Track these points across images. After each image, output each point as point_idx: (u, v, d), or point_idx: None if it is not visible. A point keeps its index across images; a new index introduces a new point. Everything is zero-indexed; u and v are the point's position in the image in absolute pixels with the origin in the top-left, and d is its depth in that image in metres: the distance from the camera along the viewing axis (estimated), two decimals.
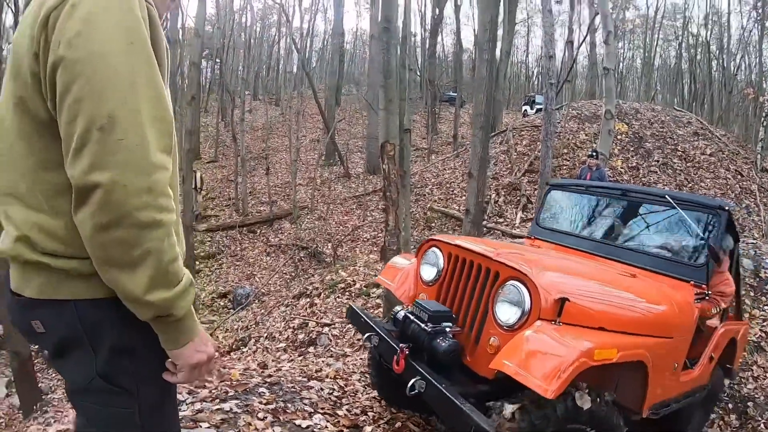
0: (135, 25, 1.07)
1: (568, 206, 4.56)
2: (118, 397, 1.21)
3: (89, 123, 1.01)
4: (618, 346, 2.55)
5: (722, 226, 3.47)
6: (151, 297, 1.09)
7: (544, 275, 2.69)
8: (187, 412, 3.03)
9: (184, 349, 1.21)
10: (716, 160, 16.24)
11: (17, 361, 7.54)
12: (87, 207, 1.04)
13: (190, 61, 13.43)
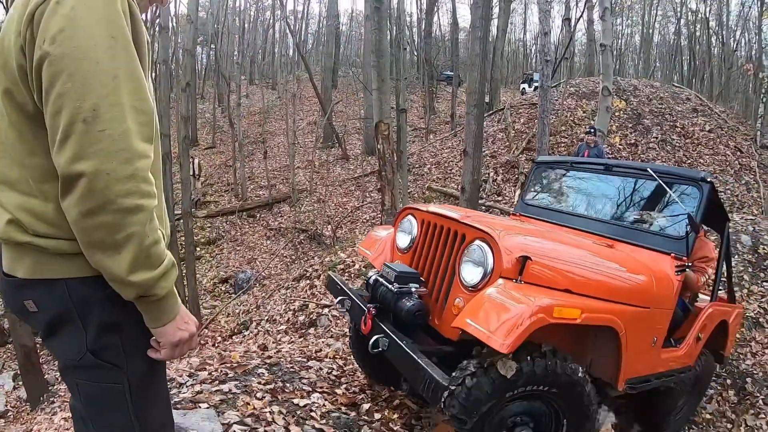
0: (116, 20, 1.11)
1: (554, 183, 4.57)
2: (107, 372, 1.28)
3: (73, 116, 1.06)
4: (583, 308, 2.53)
5: (705, 198, 3.44)
6: (134, 278, 1.15)
7: (509, 236, 2.70)
8: (187, 394, 3.06)
9: (167, 327, 1.27)
10: (715, 137, 16.19)
11: (22, 354, 7.60)
12: (72, 194, 1.09)
13: (184, 48, 13.38)
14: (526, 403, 2.62)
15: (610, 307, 2.76)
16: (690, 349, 3.79)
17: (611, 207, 4.01)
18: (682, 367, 3.74)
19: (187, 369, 3.56)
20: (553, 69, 10.81)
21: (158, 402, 1.41)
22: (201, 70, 35.42)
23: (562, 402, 2.63)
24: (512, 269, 2.55)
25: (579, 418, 2.70)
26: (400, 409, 3.55)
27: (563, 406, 2.65)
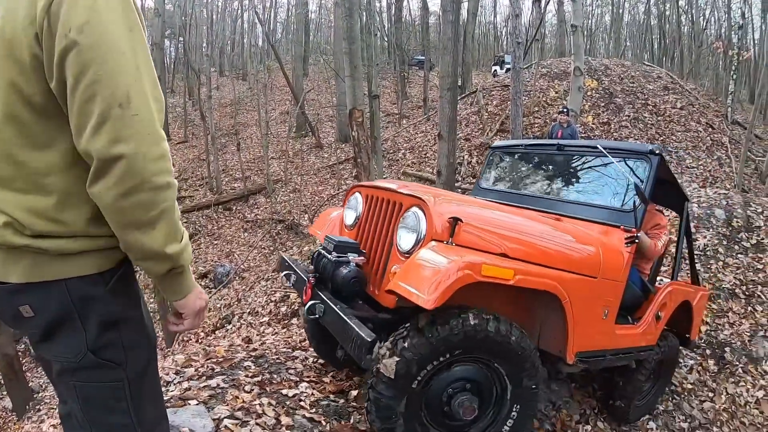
0: (131, 14, 1.18)
1: (510, 167, 4.59)
2: (108, 371, 1.29)
3: (110, 101, 1.10)
4: (517, 270, 2.51)
5: (653, 170, 3.45)
6: (169, 250, 1.23)
7: (443, 202, 2.71)
8: (175, 392, 3.04)
9: (189, 297, 1.35)
10: (687, 114, 16.40)
11: (5, 363, 7.48)
12: (109, 177, 1.13)
13: (152, 41, 13.14)
14: (466, 369, 2.62)
15: (551, 273, 2.73)
16: (649, 327, 3.80)
17: (564, 185, 4.03)
18: (642, 346, 3.77)
19: (174, 367, 3.53)
20: (524, 51, 10.84)
21: (154, 397, 1.43)
22: (170, 63, 34.84)
23: (503, 368, 2.63)
24: (443, 232, 2.55)
25: (523, 386, 2.69)
26: None
27: (506, 372, 2.64)
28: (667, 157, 13.59)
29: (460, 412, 2.54)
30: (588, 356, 3.12)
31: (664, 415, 4.73)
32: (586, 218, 3.54)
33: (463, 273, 2.30)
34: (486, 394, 2.68)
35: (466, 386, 2.60)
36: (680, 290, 4.29)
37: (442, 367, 2.53)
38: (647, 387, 4.36)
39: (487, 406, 2.72)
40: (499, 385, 2.71)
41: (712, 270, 6.71)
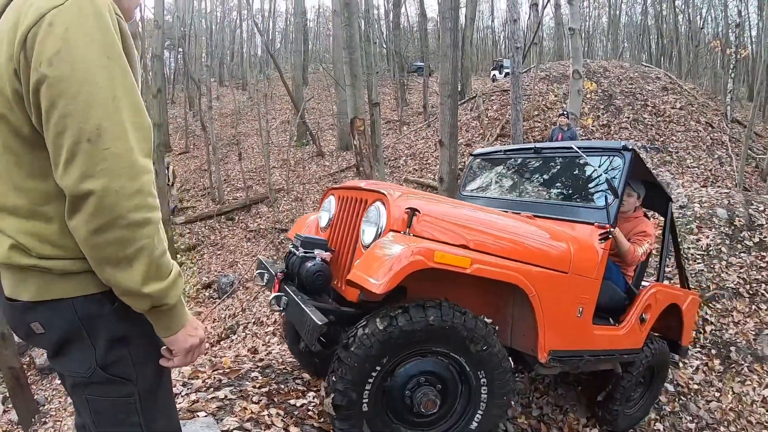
0: (110, 39, 1.13)
1: (490, 172, 4.59)
2: (118, 386, 1.30)
3: (78, 136, 1.07)
4: (475, 260, 2.51)
5: (627, 165, 3.42)
6: (147, 289, 1.18)
7: (406, 197, 2.71)
8: (184, 404, 3.04)
9: (178, 334, 1.30)
10: (686, 113, 16.39)
11: (10, 376, 7.50)
12: (81, 213, 1.11)
13: (153, 53, 13.16)
14: (427, 363, 2.62)
15: (516, 266, 2.72)
16: (633, 330, 3.75)
17: (541, 187, 4.04)
18: (626, 348, 3.72)
19: (181, 379, 3.53)
20: (523, 55, 10.88)
21: (166, 411, 1.44)
22: (170, 74, 34.93)
23: (465, 359, 2.62)
24: (401, 223, 2.56)
25: (488, 377, 2.66)
26: None
27: (468, 364, 2.64)
28: (668, 157, 13.60)
29: (421, 406, 2.55)
30: (563, 356, 3.07)
31: (671, 416, 4.73)
32: (562, 218, 3.53)
33: (414, 258, 2.31)
34: (450, 387, 2.67)
35: (428, 380, 2.60)
36: (666, 292, 4.23)
37: (403, 360, 2.55)
38: (637, 394, 4.30)
39: (453, 400, 2.71)
40: (463, 377, 2.69)
41: (715, 270, 6.71)
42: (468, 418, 2.71)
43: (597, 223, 3.31)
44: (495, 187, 4.42)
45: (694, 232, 7.46)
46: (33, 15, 1.08)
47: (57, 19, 1.08)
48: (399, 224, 2.56)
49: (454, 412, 2.73)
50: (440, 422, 2.72)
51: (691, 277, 6.57)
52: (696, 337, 5.85)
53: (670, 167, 12.93)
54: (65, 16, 1.08)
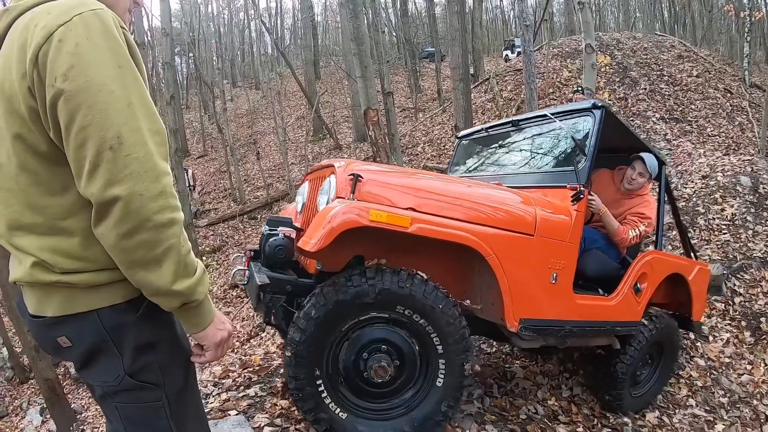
0: (119, 49, 1.16)
1: (475, 152, 4.55)
2: (147, 392, 1.32)
3: (100, 145, 1.10)
4: (416, 219, 2.49)
5: (598, 124, 3.32)
6: (177, 287, 1.21)
7: (350, 166, 2.74)
8: (215, 404, 3.09)
9: (208, 329, 1.34)
10: (704, 81, 16.09)
11: (46, 387, 7.66)
12: (109, 219, 1.14)
13: (163, 61, 13.25)
14: (381, 330, 2.63)
15: (468, 228, 2.67)
16: (627, 300, 3.59)
17: (521, 159, 3.95)
18: (620, 320, 3.57)
19: (212, 379, 3.58)
20: (533, 33, 10.75)
21: (195, 412, 1.47)
22: (182, 80, 35.22)
23: (418, 325, 2.61)
24: (345, 188, 2.59)
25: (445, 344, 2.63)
26: None
27: (422, 329, 2.62)
28: (688, 127, 13.37)
29: (373, 374, 2.56)
30: (538, 325, 2.96)
31: (702, 391, 4.68)
32: (541, 185, 3.45)
33: (347, 218, 2.34)
34: (406, 354, 2.66)
35: (379, 349, 2.60)
36: (664, 260, 4.04)
37: (352, 331, 2.58)
38: (645, 374, 4.16)
39: (411, 367, 2.68)
40: (418, 344, 2.68)
41: (741, 239, 6.61)
42: (428, 385, 2.69)
43: (569, 185, 3.22)
44: (481, 165, 4.37)
45: (718, 202, 7.36)
46: (41, 34, 1.10)
47: (66, 35, 1.10)
48: (345, 191, 2.59)
49: (414, 381, 2.71)
50: (400, 392, 2.71)
51: (717, 248, 6.49)
52: (725, 309, 5.77)
53: (690, 137, 12.72)
54: (74, 32, 1.11)
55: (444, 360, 2.66)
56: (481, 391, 3.71)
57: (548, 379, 4.23)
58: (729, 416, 4.46)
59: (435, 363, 2.67)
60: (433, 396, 2.67)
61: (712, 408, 4.51)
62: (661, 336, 4.02)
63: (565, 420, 3.71)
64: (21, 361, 11.20)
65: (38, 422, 9.32)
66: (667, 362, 4.32)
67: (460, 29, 8.74)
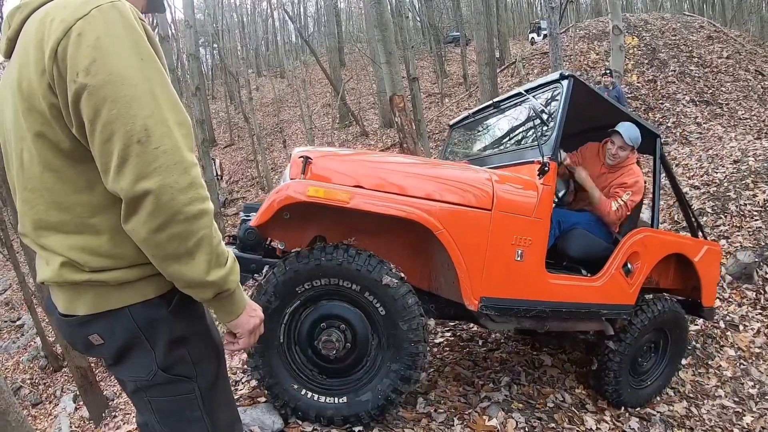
0: (140, 41, 1.13)
1: (465, 138, 4.51)
2: (180, 384, 1.33)
3: (127, 139, 1.08)
4: (357, 194, 2.51)
5: (566, 94, 3.21)
6: (211, 277, 1.20)
7: (304, 150, 2.78)
8: (244, 390, 3.12)
9: (241, 317, 1.34)
10: (734, 62, 15.77)
11: (79, 375, 7.85)
12: (140, 214, 1.12)
13: (188, 53, 13.32)
14: (334, 306, 2.66)
15: (414, 202, 2.63)
16: (615, 281, 3.40)
17: (504, 138, 3.88)
18: (607, 303, 3.38)
19: (241, 366, 3.63)
20: (559, 15, 10.62)
21: (226, 402, 1.48)
22: (208, 70, 35.42)
23: (367, 300, 2.61)
24: (297, 170, 2.64)
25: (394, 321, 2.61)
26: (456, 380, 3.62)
27: (372, 304, 2.61)
28: (719, 110, 13.08)
29: (324, 349, 2.59)
30: (502, 305, 2.86)
31: (732, 382, 4.61)
32: (512, 162, 3.37)
33: (283, 194, 2.42)
34: (358, 328, 2.67)
35: (331, 324, 2.64)
36: (659, 239, 3.79)
37: (308, 301, 2.63)
38: (649, 363, 3.98)
39: (364, 341, 2.69)
40: (370, 318, 2.67)
41: None
42: (380, 364, 2.69)
43: (536, 160, 3.11)
44: (470, 150, 4.32)
45: (749, 188, 7.21)
46: (60, 28, 1.08)
47: (85, 29, 1.08)
48: (296, 173, 2.65)
49: (366, 359, 2.72)
50: (353, 369, 2.73)
51: (748, 234, 6.37)
52: (756, 298, 5.66)
53: (721, 120, 12.45)
54: (93, 25, 1.08)
55: (394, 339, 2.64)
56: (508, 378, 3.71)
57: (576, 367, 4.19)
58: (758, 408, 4.38)
59: (385, 342, 2.67)
60: (385, 376, 2.67)
61: (741, 399, 4.44)
62: (663, 322, 3.81)
63: (592, 409, 3.68)
64: (54, 349, 11.46)
65: (71, 409, 9.56)
66: (674, 352, 4.09)
67: (484, 12, 8.67)
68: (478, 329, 4.60)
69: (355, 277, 2.55)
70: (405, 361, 2.64)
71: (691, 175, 8.36)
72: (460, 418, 3.07)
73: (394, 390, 2.66)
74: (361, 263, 2.54)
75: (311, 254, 2.53)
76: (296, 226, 2.82)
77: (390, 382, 2.65)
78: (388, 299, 2.58)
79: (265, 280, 2.54)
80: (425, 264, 3.14)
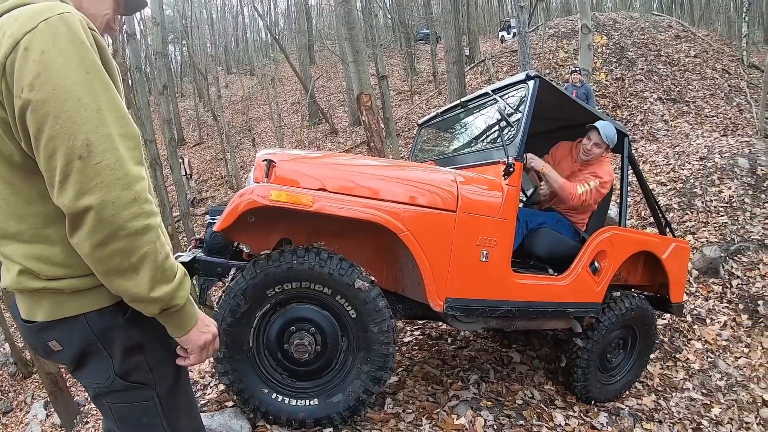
0: (87, 54, 1.13)
1: (433, 137, 4.52)
2: (138, 391, 1.34)
3: (69, 155, 1.09)
4: (320, 198, 2.49)
5: (531, 94, 3.20)
6: (156, 293, 1.20)
7: (266, 153, 2.76)
8: (212, 395, 3.09)
9: (191, 333, 1.34)
10: (701, 61, 16.04)
11: (49, 381, 7.73)
12: (82, 229, 1.12)
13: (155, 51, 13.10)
14: (305, 309, 2.65)
15: (378, 205, 2.62)
16: (582, 280, 3.42)
17: (471, 138, 3.87)
18: (574, 302, 3.40)
19: (210, 370, 3.58)
20: (529, 14, 10.68)
21: (187, 409, 1.48)
22: (176, 68, 34.97)
23: (338, 302, 2.60)
24: (261, 174, 2.63)
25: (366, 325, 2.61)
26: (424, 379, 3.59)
27: (342, 306, 2.60)
28: (685, 107, 13.31)
29: (293, 351, 2.57)
30: (467, 305, 2.87)
31: (699, 374, 4.67)
32: (478, 163, 3.36)
33: (246, 199, 2.40)
34: (328, 331, 2.66)
35: (301, 327, 2.63)
36: (626, 237, 3.81)
37: (278, 305, 2.61)
38: (618, 360, 4.00)
39: (334, 344, 2.68)
40: (340, 321, 2.66)
41: (739, 221, 6.57)
42: (350, 367, 2.69)
43: (502, 160, 3.10)
44: (438, 150, 4.32)
45: (715, 184, 7.32)
46: (8, 43, 1.08)
47: (32, 43, 1.08)
48: (260, 176, 2.63)
49: (336, 362, 2.71)
50: (323, 372, 2.72)
51: (714, 230, 6.46)
52: (722, 292, 5.76)
53: (688, 118, 12.66)
54: (39, 39, 1.08)
55: (364, 341, 2.64)
56: (477, 376, 3.71)
57: (544, 363, 4.21)
58: (726, 400, 4.44)
59: (356, 344, 2.67)
60: (356, 377, 2.67)
61: (708, 391, 4.50)
62: (631, 319, 3.84)
63: (561, 405, 3.69)
64: (23, 356, 11.32)
65: (42, 416, 9.41)
66: (643, 348, 4.11)
67: (453, 11, 8.66)
68: (447, 327, 4.60)
69: (327, 280, 2.54)
70: (376, 362, 2.64)
71: (658, 171, 8.45)
72: (428, 417, 3.07)
73: (365, 391, 2.67)
74: (333, 267, 2.53)
75: (282, 257, 2.51)
76: (262, 229, 2.78)
77: (361, 383, 2.66)
78: (359, 302, 2.58)
79: (234, 283, 2.50)
80: (391, 265, 3.12)
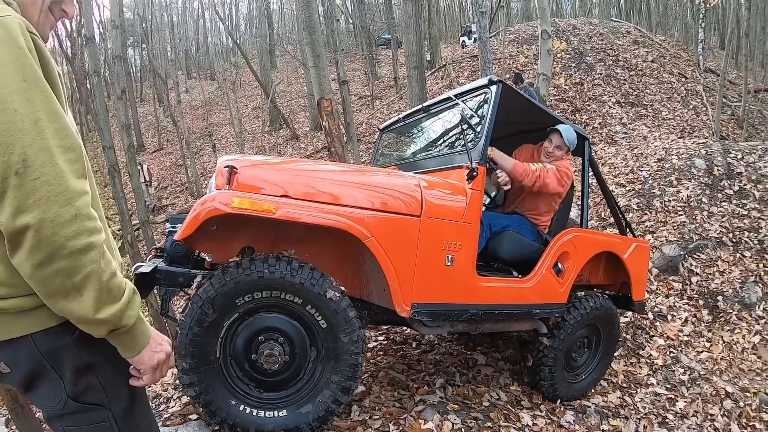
0: (25, 60, 1.06)
1: (395, 142, 4.51)
2: (92, 413, 1.29)
3: (5, 171, 1.02)
4: (283, 205, 2.46)
5: (494, 98, 3.20)
6: (102, 315, 1.14)
7: (227, 159, 2.70)
8: (176, 408, 3.04)
9: (143, 353, 1.28)
10: (659, 66, 16.45)
11: (9, 398, 7.45)
12: (22, 249, 1.06)
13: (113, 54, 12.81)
14: (274, 319, 2.60)
15: (342, 211, 2.60)
16: (546, 281, 3.45)
17: (434, 143, 3.87)
18: (539, 303, 3.44)
19: (172, 382, 3.50)
20: (489, 19, 10.78)
21: (147, 426, 1.43)
22: (136, 72, 34.36)
23: (306, 311, 2.57)
24: (223, 181, 2.56)
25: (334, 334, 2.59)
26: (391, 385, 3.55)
27: (311, 315, 2.57)
28: (643, 111, 13.62)
29: (263, 361, 2.52)
30: (434, 310, 2.87)
31: (663, 370, 4.74)
32: (442, 167, 3.37)
33: (208, 206, 2.34)
34: (296, 341, 2.62)
35: (269, 337, 2.58)
36: (588, 238, 3.85)
37: (247, 314, 2.54)
38: (583, 358, 4.03)
39: (303, 353, 2.64)
40: (309, 330, 2.63)
41: (697, 220, 6.72)
42: (319, 377, 2.65)
43: (465, 165, 3.11)
44: (400, 154, 4.30)
45: (673, 185, 7.48)
46: None
47: None
48: (222, 183, 2.56)
49: (305, 372, 2.67)
50: (291, 383, 2.66)
51: (673, 229, 6.60)
52: (683, 289, 5.88)
53: (646, 120, 12.95)
54: None
55: (334, 351, 2.61)
56: (443, 380, 3.70)
57: (510, 365, 4.23)
58: (690, 393, 4.50)
59: (325, 354, 2.63)
60: (325, 387, 2.63)
61: (672, 386, 4.57)
62: (595, 318, 3.88)
63: (528, 405, 3.69)
64: None
65: None
66: (607, 346, 4.15)
67: (414, 16, 8.67)
68: (411, 332, 4.58)
69: (298, 290, 2.50)
70: (345, 372, 2.62)
71: (617, 173, 8.59)
72: (395, 423, 3.03)
73: (334, 401, 2.63)
74: (305, 277, 2.49)
75: (253, 265, 2.45)
76: (224, 237, 2.72)
77: (330, 393, 2.62)
78: (330, 312, 2.55)
79: (202, 291, 2.41)
80: (356, 271, 3.07)
